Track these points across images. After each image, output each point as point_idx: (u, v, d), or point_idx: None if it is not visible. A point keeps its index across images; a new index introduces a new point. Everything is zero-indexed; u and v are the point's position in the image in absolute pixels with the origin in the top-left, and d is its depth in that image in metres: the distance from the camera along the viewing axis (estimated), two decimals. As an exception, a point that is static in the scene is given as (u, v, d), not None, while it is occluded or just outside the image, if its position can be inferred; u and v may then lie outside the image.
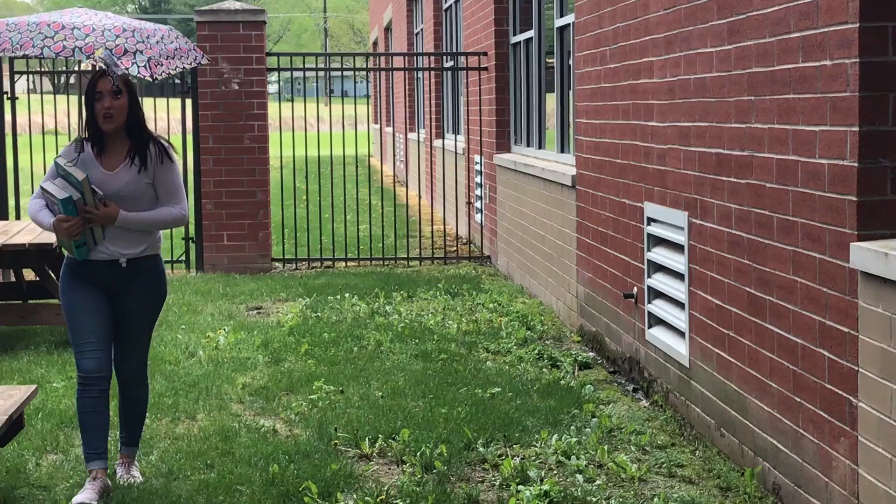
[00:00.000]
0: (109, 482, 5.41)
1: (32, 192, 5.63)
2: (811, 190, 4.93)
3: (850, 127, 4.56)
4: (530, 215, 11.08)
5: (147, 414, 5.87)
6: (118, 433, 5.82)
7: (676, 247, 6.84)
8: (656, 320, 7.25)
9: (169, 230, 7.66)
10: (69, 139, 5.53)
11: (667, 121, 6.84)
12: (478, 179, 14.24)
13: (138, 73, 5.08)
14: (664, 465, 5.98)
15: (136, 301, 5.47)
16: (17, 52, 5.11)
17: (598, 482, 5.73)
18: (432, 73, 18.23)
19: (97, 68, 5.24)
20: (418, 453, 6.11)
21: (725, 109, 5.90)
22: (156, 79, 5.27)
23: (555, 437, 6.39)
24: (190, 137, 13.08)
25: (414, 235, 15.53)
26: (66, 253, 5.50)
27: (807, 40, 4.92)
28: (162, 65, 5.26)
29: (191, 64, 5.62)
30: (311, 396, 7.35)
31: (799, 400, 5.15)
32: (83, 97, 5.36)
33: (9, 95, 12.86)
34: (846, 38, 4.57)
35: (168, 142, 5.53)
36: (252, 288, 11.72)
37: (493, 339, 9.01)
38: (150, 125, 5.73)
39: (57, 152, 5.62)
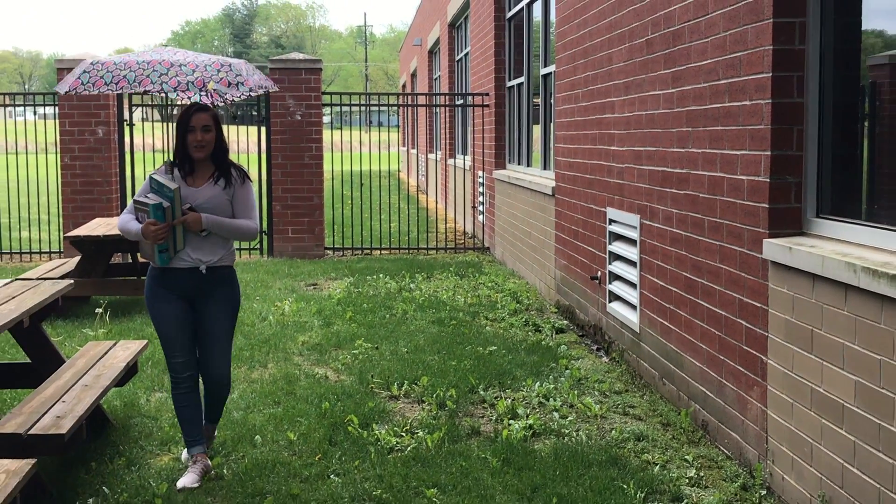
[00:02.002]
0: (209, 462, 4.85)
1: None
2: (734, 199, 4.92)
3: (764, 151, 4.55)
4: (520, 216, 11.08)
5: (230, 366, 5.08)
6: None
7: (631, 241, 6.83)
8: (615, 297, 7.24)
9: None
10: (171, 155, 5.16)
11: (625, 146, 6.83)
12: (480, 189, 14.23)
13: (231, 98, 4.85)
14: (620, 406, 5.98)
15: (216, 305, 4.80)
16: (138, 89, 4.70)
17: (569, 418, 5.73)
18: (447, 108, 18.23)
19: (191, 103, 4.85)
20: (434, 395, 6.12)
21: (669, 137, 5.89)
22: (242, 96, 4.94)
23: (537, 384, 6.40)
24: (264, 156, 13.11)
25: (431, 231, 15.55)
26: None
27: (732, 85, 4.91)
28: (254, 91, 5.01)
29: (268, 89, 5.25)
30: (354, 351, 7.36)
31: (723, 358, 5.14)
32: (176, 128, 4.83)
33: (128, 122, 12.91)
34: (762, 84, 4.56)
35: (244, 168, 5.02)
36: (310, 269, 11.74)
37: (491, 310, 9.02)
38: (233, 146, 5.51)
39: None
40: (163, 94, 4.89)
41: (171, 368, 4.86)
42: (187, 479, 4.69)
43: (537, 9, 10.84)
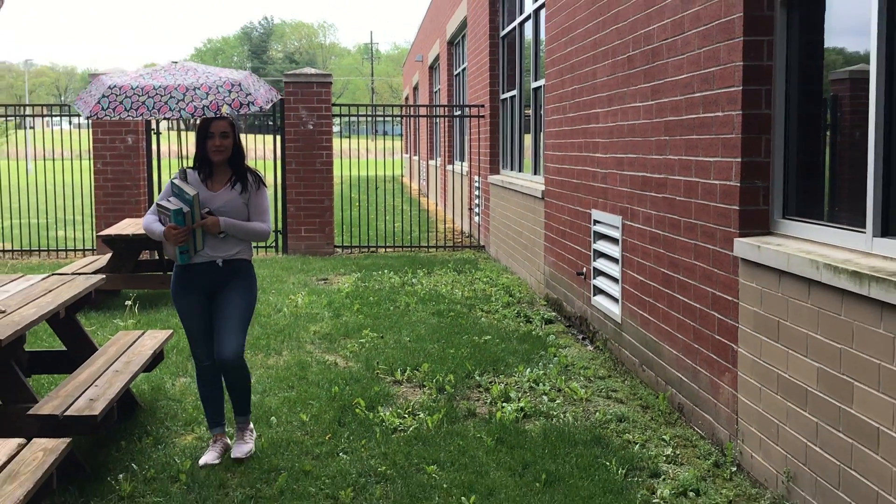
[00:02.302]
0: (228, 440, 4.90)
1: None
2: (707, 202, 4.92)
3: (735, 158, 4.55)
4: (512, 217, 11.07)
5: (241, 350, 4.71)
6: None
7: (613, 240, 6.82)
8: (599, 291, 7.24)
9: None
10: (191, 161, 5.07)
11: (608, 153, 6.83)
12: (476, 192, 14.22)
13: (241, 113, 4.77)
14: (603, 390, 5.97)
15: (231, 295, 4.68)
16: (157, 116, 4.50)
17: (557, 401, 5.73)
18: (446, 118, 18.23)
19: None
20: (434, 380, 6.11)
21: (648, 145, 5.89)
22: (252, 111, 4.89)
23: (528, 370, 6.39)
24: (279, 162, 13.10)
25: (432, 231, 15.54)
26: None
27: (706, 98, 4.91)
28: (264, 108, 4.94)
29: (274, 101, 5.00)
30: (361, 340, 7.36)
31: (697, 346, 5.14)
32: (196, 135, 4.74)
33: (155, 131, 12.90)
34: (733, 97, 4.56)
35: (261, 173, 4.92)
36: (321, 265, 11.73)
37: (486, 303, 9.01)
38: (251, 153, 5.39)
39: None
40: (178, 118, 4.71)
41: (194, 357, 4.85)
42: (208, 457, 4.71)
43: (528, 28, 10.84)
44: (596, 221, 7.22)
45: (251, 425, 4.93)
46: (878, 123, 3.62)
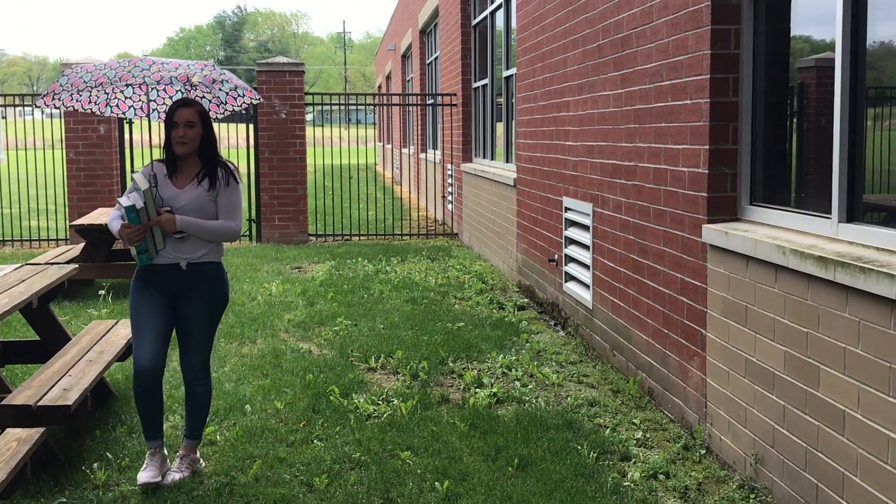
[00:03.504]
0: (165, 453, 4.33)
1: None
2: (676, 188, 4.94)
3: (703, 146, 4.56)
4: (485, 205, 11.07)
5: (207, 366, 4.42)
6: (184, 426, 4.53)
7: (584, 227, 6.84)
8: (570, 277, 7.26)
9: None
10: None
11: (578, 141, 6.83)
12: (449, 180, 14.20)
13: (229, 108, 4.46)
14: (575, 376, 5.99)
15: (195, 304, 4.24)
16: (118, 85, 4.13)
17: (530, 386, 5.74)
18: (419, 107, 18.17)
19: (178, 99, 4.32)
20: (408, 367, 6.10)
21: (618, 133, 5.89)
22: (233, 110, 4.51)
23: (501, 356, 6.40)
24: (252, 151, 13.01)
25: (405, 219, 15.50)
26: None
27: (674, 86, 4.92)
28: (244, 96, 4.55)
29: (254, 101, 4.76)
30: (335, 328, 7.33)
31: (667, 331, 5.17)
32: (164, 123, 4.26)
33: (127, 120, 12.75)
34: (701, 85, 4.57)
35: (235, 166, 4.39)
36: (294, 254, 11.67)
37: (459, 290, 9.01)
38: (224, 142, 5.16)
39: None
40: (145, 90, 4.47)
41: (134, 362, 4.17)
42: (147, 475, 4.18)
43: (500, 17, 10.81)
44: (567, 209, 7.22)
45: (198, 454, 4.44)
46: (844, 110, 3.64)
